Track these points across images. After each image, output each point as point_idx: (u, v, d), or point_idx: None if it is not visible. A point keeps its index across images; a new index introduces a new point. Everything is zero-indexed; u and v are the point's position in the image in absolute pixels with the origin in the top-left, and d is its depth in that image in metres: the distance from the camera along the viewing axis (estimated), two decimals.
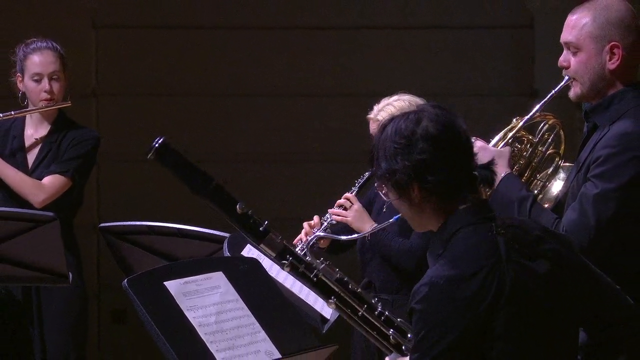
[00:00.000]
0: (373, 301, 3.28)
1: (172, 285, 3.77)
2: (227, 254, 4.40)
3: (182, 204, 7.37)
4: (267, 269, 4.19)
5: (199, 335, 3.69)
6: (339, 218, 5.17)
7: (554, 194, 4.13)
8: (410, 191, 3.05)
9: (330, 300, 3.26)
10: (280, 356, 3.80)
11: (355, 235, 4.82)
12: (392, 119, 3.12)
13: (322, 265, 3.27)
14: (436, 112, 3.08)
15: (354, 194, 5.22)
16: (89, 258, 7.28)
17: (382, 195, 3.20)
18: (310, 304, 4.53)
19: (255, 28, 7.66)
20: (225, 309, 3.81)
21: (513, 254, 3.02)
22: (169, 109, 7.53)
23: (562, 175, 4.20)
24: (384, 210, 5.16)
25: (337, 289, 3.26)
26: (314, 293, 4.54)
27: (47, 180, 5.49)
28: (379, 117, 5.07)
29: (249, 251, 4.47)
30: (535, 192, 4.23)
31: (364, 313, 3.25)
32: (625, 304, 3.20)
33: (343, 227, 5.19)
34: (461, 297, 2.95)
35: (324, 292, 3.26)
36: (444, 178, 3.04)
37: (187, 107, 7.52)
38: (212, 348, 3.69)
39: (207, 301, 3.79)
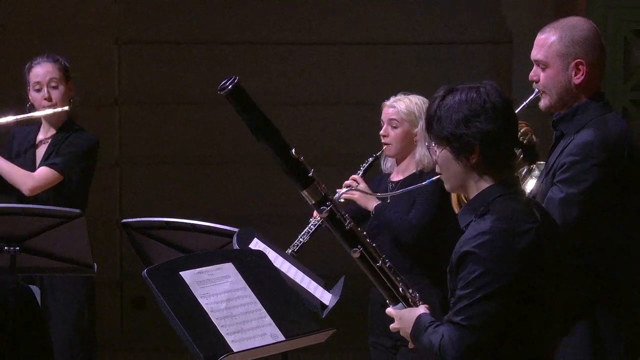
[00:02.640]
0: (384, 256, 3.29)
1: (187, 274, 3.78)
2: (236, 247, 4.41)
3: (196, 202, 7.43)
4: (272, 261, 4.21)
5: (211, 319, 3.70)
6: (346, 195, 5.17)
7: (528, 191, 4.15)
8: (470, 155, 3.06)
9: (355, 249, 3.24)
10: (284, 338, 3.82)
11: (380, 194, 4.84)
12: (452, 90, 3.12)
13: (350, 218, 3.28)
14: (497, 87, 3.12)
15: (359, 175, 5.26)
16: (112, 250, 7.30)
17: (431, 154, 3.19)
18: (311, 291, 4.53)
19: (263, 43, 7.68)
20: (234, 296, 3.81)
21: (544, 225, 3.06)
22: (185, 117, 7.54)
23: (536, 172, 4.21)
24: (388, 200, 5.18)
25: (363, 240, 3.26)
26: (314, 282, 4.59)
27: (37, 171, 5.46)
28: (394, 105, 5.13)
29: (256, 244, 4.48)
30: None
31: (382, 264, 3.25)
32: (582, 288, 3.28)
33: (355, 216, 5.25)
34: (516, 248, 2.97)
35: (353, 240, 3.25)
36: (503, 149, 3.07)
37: (201, 114, 7.54)
38: (222, 331, 3.69)
39: (218, 289, 3.79)
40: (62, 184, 5.46)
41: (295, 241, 5.09)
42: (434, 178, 4.51)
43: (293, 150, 3.27)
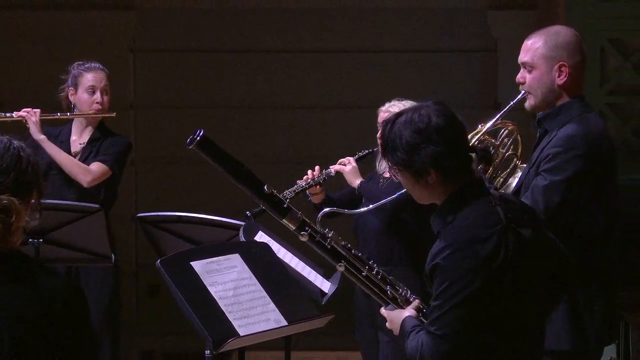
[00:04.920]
0: (371, 262, 3.26)
1: (197, 265, 3.78)
2: (242, 239, 4.40)
3: (206, 197, 7.42)
4: (275, 252, 4.20)
5: (219, 306, 3.70)
6: (337, 168, 5.21)
7: (513, 187, 4.15)
8: (427, 176, 3.01)
9: (340, 264, 3.22)
10: (286, 323, 3.81)
11: (357, 210, 4.81)
12: (399, 114, 3.07)
13: (332, 234, 3.24)
14: (437, 107, 3.04)
15: (354, 159, 5.27)
16: (128, 242, 7.29)
17: (394, 178, 3.15)
18: (312, 280, 4.52)
19: (268, 51, 7.68)
20: (241, 284, 3.81)
21: (510, 221, 3.01)
22: (195, 120, 7.53)
23: (519, 173, 4.21)
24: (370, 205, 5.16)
25: (345, 254, 3.23)
26: (314, 272, 4.59)
27: (92, 165, 5.43)
28: (390, 109, 5.11)
29: (261, 237, 4.47)
30: (498, 186, 4.24)
31: (367, 273, 3.23)
32: (569, 261, 3.22)
33: (346, 199, 5.22)
34: (480, 255, 2.93)
35: (335, 257, 3.22)
36: (457, 162, 3.01)
37: (210, 117, 7.53)
38: (230, 317, 3.69)
39: (226, 278, 3.79)
40: (108, 179, 5.46)
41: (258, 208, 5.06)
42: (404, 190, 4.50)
43: (266, 187, 3.23)
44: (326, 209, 4.44)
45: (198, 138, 3.29)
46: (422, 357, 2.99)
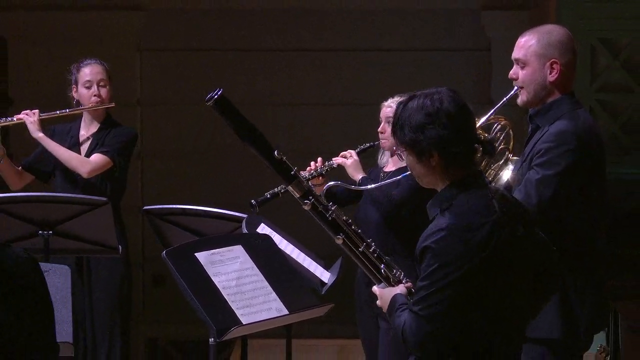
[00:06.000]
0: (369, 240, 3.23)
1: (201, 256, 3.78)
2: (245, 231, 4.40)
3: (209, 190, 7.43)
4: (277, 243, 4.21)
5: (222, 295, 3.71)
6: (339, 160, 5.19)
7: (504, 180, 4.15)
8: (430, 158, 3.00)
9: (338, 237, 3.17)
10: (287, 312, 3.82)
11: (362, 187, 4.77)
12: (413, 97, 3.06)
13: (334, 207, 3.20)
14: (451, 94, 3.04)
15: (355, 152, 5.26)
16: (135, 234, 7.29)
17: (398, 157, 3.11)
18: (312, 271, 4.53)
19: (270, 50, 7.68)
20: (243, 275, 3.82)
21: (504, 215, 3.00)
22: (199, 115, 7.54)
23: (511, 166, 4.20)
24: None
25: (345, 228, 3.19)
26: (314, 262, 4.59)
27: (92, 157, 5.42)
28: (392, 105, 5.08)
29: (263, 229, 4.47)
30: (490, 179, 4.24)
31: (364, 249, 3.19)
32: (553, 255, 3.21)
33: (348, 193, 5.20)
34: (472, 241, 2.91)
35: (335, 229, 3.18)
36: (460, 149, 3.00)
37: (212, 114, 7.47)
38: (233, 306, 3.70)
39: (229, 269, 3.80)
40: (110, 169, 5.44)
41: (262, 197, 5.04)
42: (408, 173, 4.49)
43: (276, 152, 3.20)
44: (331, 182, 4.47)
45: (216, 96, 3.27)
46: (404, 335, 2.97)
